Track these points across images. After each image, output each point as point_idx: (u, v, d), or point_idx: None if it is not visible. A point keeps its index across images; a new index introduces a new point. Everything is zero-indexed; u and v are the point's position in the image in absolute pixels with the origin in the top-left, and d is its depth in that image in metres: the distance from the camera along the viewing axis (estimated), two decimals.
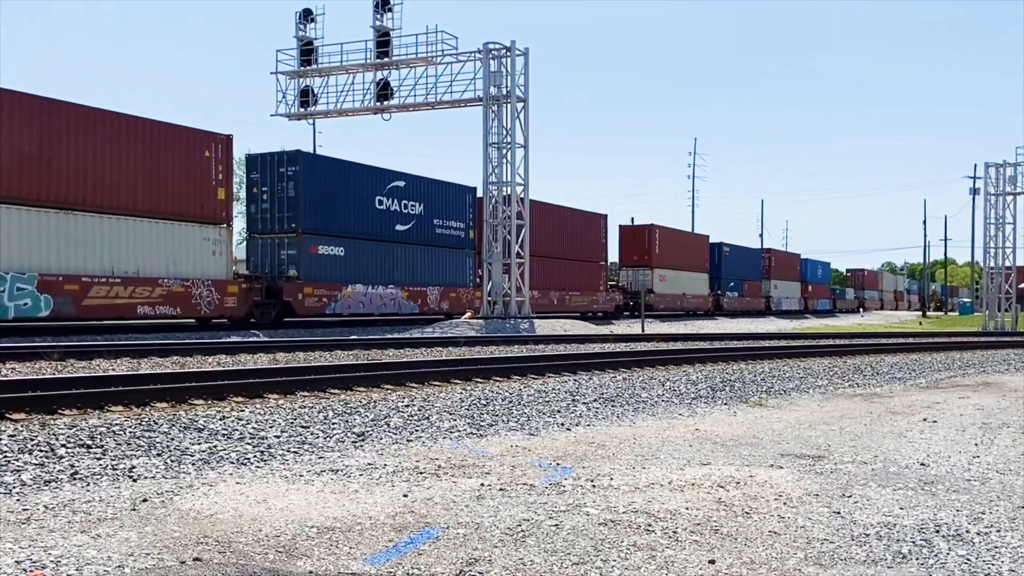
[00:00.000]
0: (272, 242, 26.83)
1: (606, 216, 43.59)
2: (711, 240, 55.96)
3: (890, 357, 20.24)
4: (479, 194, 32.40)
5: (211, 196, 23.52)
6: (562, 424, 9.46)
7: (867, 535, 5.03)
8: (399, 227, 30.28)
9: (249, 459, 7.02)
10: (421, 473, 6.64)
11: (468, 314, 31.76)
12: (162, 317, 23.06)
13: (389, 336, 23.16)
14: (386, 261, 29.83)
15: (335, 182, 27.95)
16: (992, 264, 45.73)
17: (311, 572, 4.20)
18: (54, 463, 6.44)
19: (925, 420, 10.30)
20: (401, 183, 30.45)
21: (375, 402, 9.78)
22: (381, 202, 29.62)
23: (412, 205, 30.83)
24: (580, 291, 40.85)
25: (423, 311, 31.36)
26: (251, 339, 20.05)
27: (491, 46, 30.03)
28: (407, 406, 9.70)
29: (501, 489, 6.10)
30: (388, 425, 8.71)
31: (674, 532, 5.02)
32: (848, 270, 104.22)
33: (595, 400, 11.19)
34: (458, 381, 11.93)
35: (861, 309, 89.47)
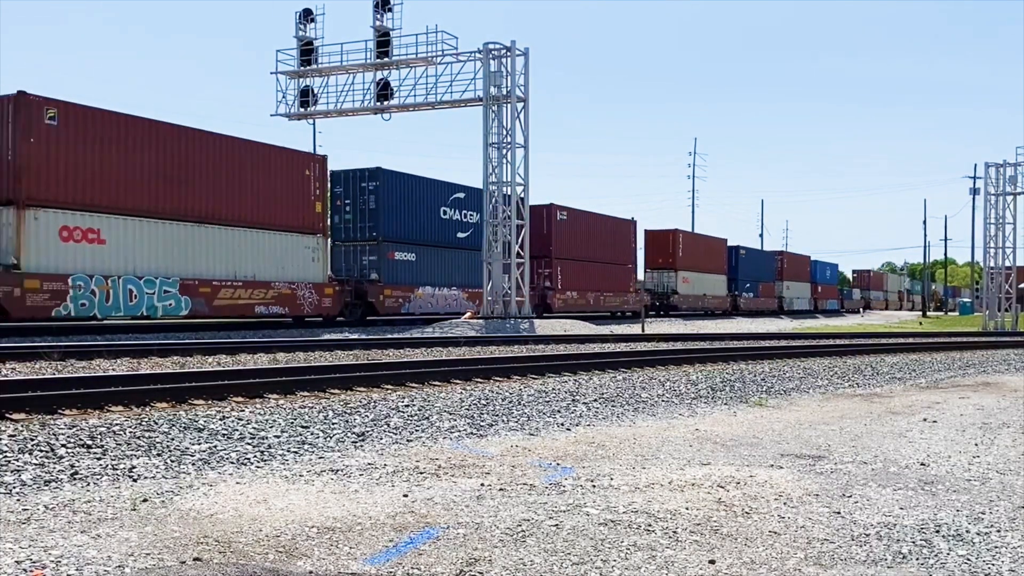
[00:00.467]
0: (354, 249, 30.67)
1: (636, 222, 46.80)
2: (729, 243, 58.47)
3: (890, 357, 20.24)
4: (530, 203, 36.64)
5: (310, 209, 27.35)
6: (562, 424, 9.46)
7: (867, 535, 5.03)
8: (460, 234, 33.88)
9: (249, 459, 7.02)
10: (421, 473, 6.64)
11: (468, 314, 31.77)
12: (274, 316, 26.57)
13: (389, 336, 23.16)
14: (450, 265, 33.51)
15: (408, 195, 31.67)
16: (992, 264, 45.75)
17: (311, 572, 4.20)
18: (54, 463, 6.44)
19: (925, 420, 10.30)
20: (462, 195, 33.92)
21: (375, 402, 9.78)
22: (445, 212, 33.29)
23: (470, 214, 34.18)
24: (613, 292, 44.39)
25: (473, 306, 34.57)
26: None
27: (491, 46, 30.02)
28: (407, 406, 9.70)
29: (501, 489, 6.10)
30: (388, 425, 8.71)
31: (674, 532, 5.02)
32: (854, 271, 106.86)
33: (595, 400, 11.19)
34: (458, 381, 11.93)
35: (861, 309, 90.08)
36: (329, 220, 30.72)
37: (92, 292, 21.24)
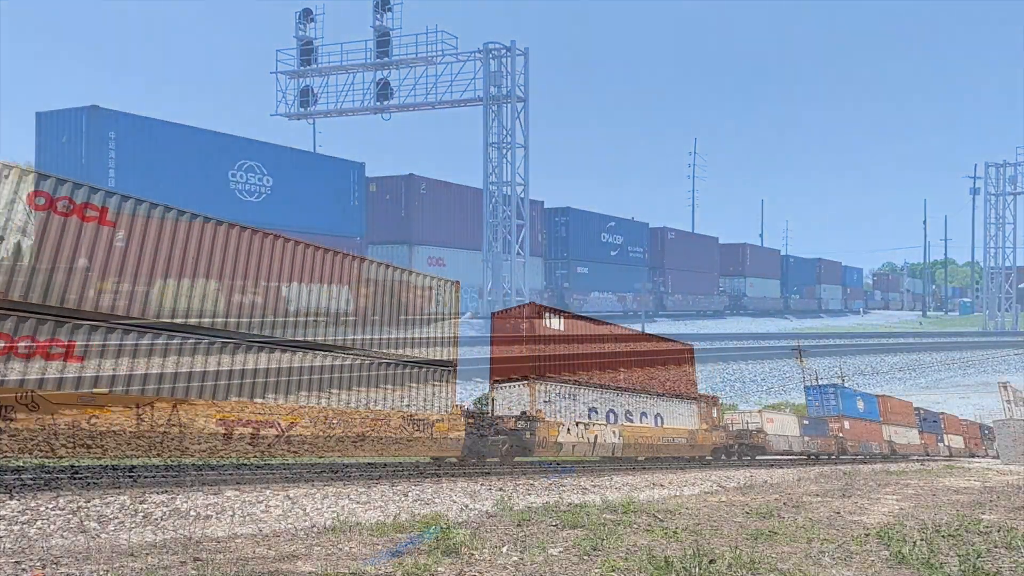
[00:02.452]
0: (550, 264, 42.41)
1: (717, 238, 58.13)
2: (782, 253, 69.57)
3: (890, 357, 20.24)
4: (651, 226, 48.47)
5: (536, 239, 37.27)
6: (561, 424, 9.45)
7: (867, 535, 5.03)
8: (612, 252, 44.95)
9: (249, 459, 7.01)
10: (422, 473, 6.64)
11: (468, 314, 31.85)
12: None
13: (389, 336, 23.18)
14: (606, 275, 44.25)
15: (585, 224, 42.85)
16: (992, 264, 45.74)
17: (311, 572, 4.20)
18: (54, 463, 6.43)
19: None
20: (613, 223, 44.93)
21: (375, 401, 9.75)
22: (604, 237, 44.88)
23: (617, 237, 45.61)
24: (703, 295, 55.08)
25: (621, 307, 44.68)
26: None
27: (491, 46, 30.03)
28: (407, 406, 9.68)
29: (501, 489, 6.10)
30: (388, 425, 8.69)
31: (674, 533, 5.02)
32: (873, 274, 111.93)
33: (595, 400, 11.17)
34: (458, 381, 11.89)
35: (862, 310, 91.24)
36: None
37: None
